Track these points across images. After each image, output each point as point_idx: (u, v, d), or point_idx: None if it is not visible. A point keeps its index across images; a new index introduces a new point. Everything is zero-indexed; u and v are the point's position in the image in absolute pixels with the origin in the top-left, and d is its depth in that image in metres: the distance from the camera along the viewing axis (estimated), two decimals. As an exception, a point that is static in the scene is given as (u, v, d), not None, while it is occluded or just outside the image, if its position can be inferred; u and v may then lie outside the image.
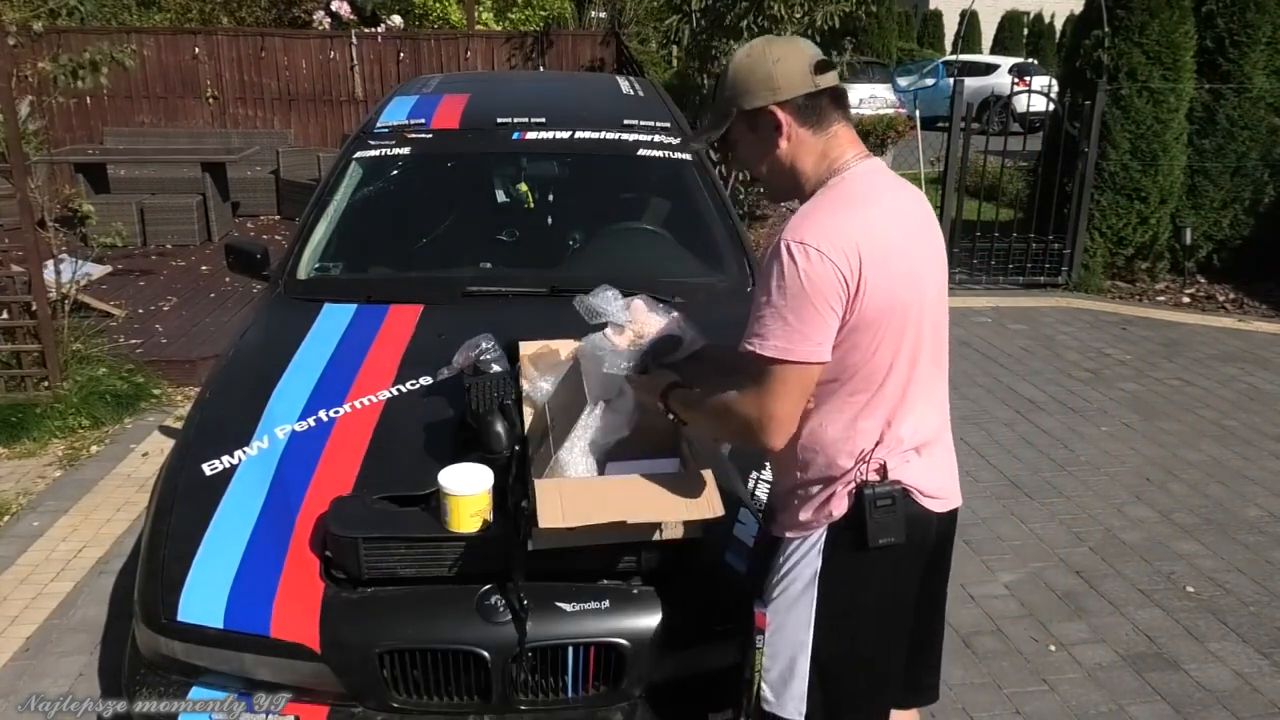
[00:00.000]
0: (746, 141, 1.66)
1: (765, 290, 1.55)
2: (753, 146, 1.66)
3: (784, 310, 1.53)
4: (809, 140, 1.64)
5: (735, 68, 1.64)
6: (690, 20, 7.94)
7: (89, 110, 10.00)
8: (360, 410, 2.43)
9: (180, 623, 1.95)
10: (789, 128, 1.63)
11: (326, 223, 3.40)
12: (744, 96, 1.62)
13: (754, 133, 1.65)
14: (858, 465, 1.66)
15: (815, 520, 1.71)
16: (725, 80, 1.66)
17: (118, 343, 5.37)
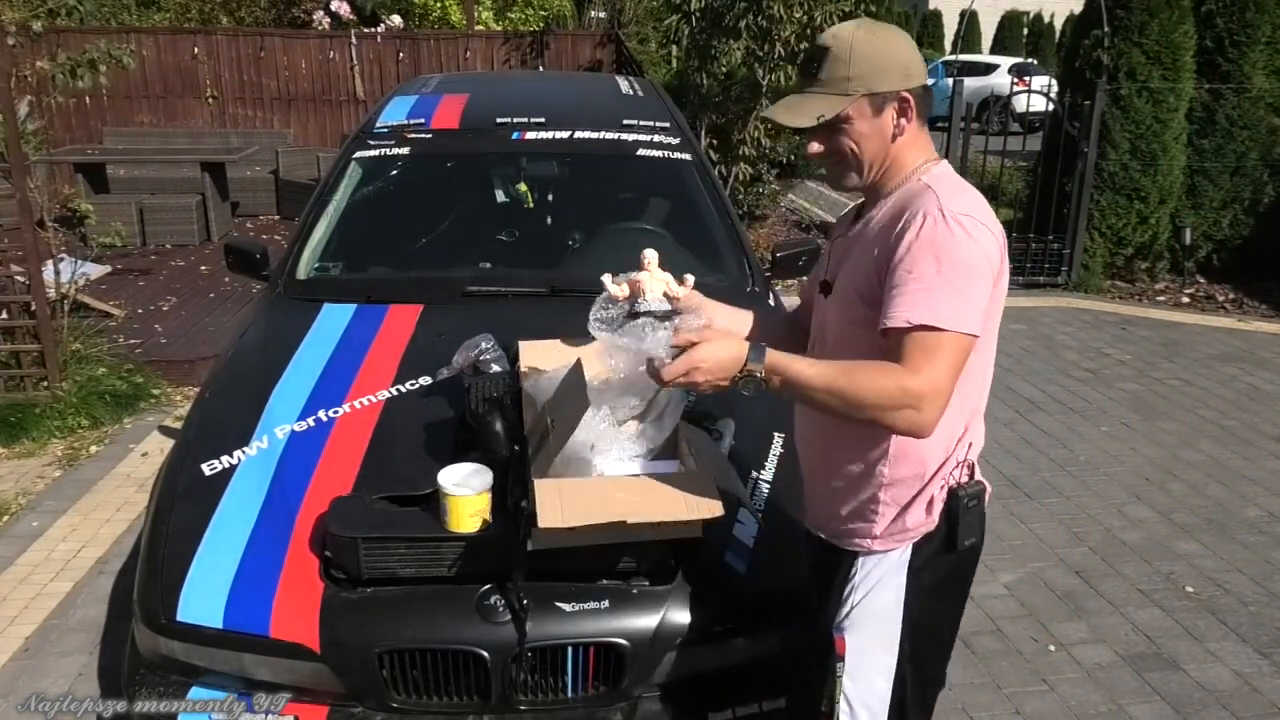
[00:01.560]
0: (861, 125, 1.55)
1: (926, 262, 1.45)
2: (868, 131, 1.56)
3: (954, 280, 1.45)
4: (916, 132, 1.61)
5: (862, 46, 1.53)
6: (689, 20, 7.94)
7: (89, 110, 10.00)
8: (360, 410, 2.42)
9: (180, 623, 1.95)
10: (914, 115, 1.58)
11: (326, 223, 3.40)
12: (874, 77, 1.52)
13: (876, 117, 1.55)
14: (954, 467, 1.61)
15: (902, 533, 1.64)
16: (842, 57, 1.52)
17: (117, 343, 5.37)
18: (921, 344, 1.44)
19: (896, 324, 1.45)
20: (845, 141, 1.56)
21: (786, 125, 1.54)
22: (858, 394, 1.46)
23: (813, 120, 1.51)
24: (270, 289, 3.22)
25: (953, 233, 1.46)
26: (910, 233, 1.48)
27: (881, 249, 1.53)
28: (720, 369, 1.52)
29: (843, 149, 1.57)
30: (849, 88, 1.52)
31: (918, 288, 1.45)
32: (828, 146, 1.58)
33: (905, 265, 1.47)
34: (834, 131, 1.55)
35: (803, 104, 1.55)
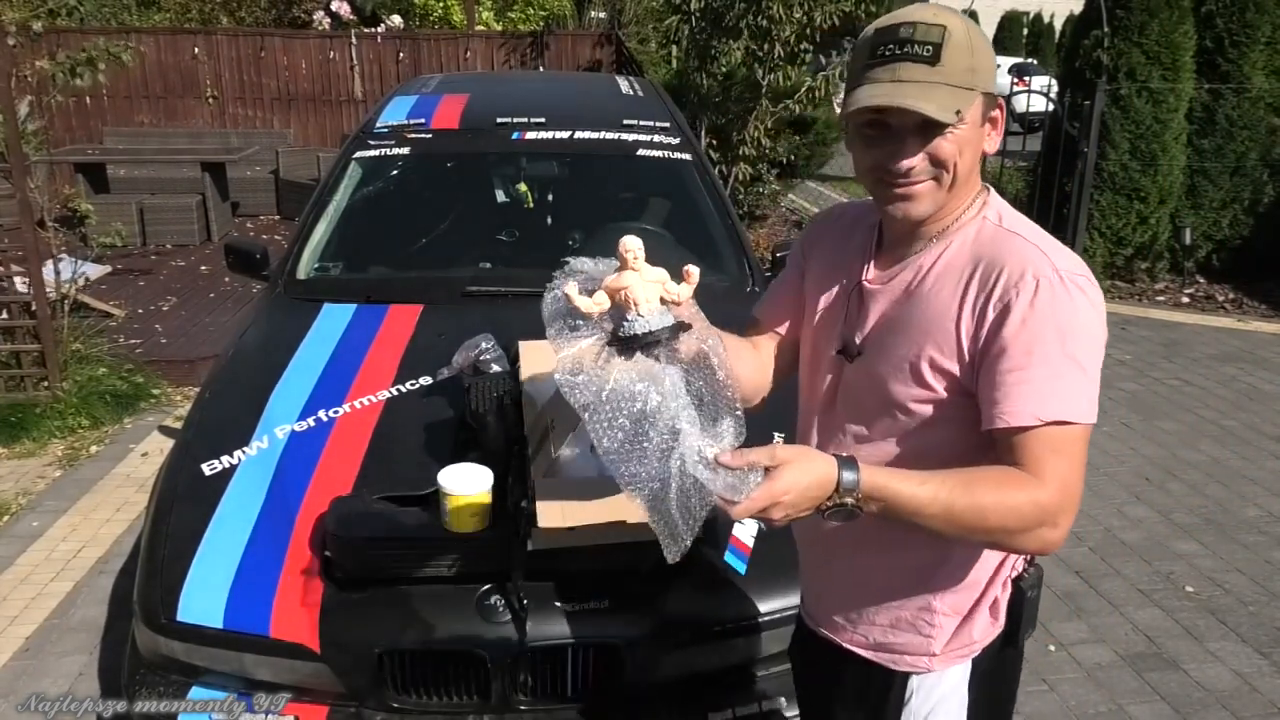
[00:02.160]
0: (971, 131, 1.27)
1: (1048, 340, 1.20)
2: (974, 140, 1.28)
3: (1083, 360, 1.21)
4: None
5: (976, 33, 1.26)
6: (689, 20, 7.93)
7: (89, 110, 10.00)
8: (360, 410, 2.43)
9: (180, 623, 1.95)
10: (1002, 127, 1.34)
11: (326, 223, 3.40)
12: (988, 73, 1.28)
13: (980, 125, 1.29)
14: (1015, 558, 1.41)
15: (966, 647, 1.42)
16: (963, 44, 1.24)
17: (117, 343, 5.37)
18: (1051, 443, 1.19)
19: (1022, 422, 1.19)
20: (950, 150, 1.25)
21: (925, 114, 1.20)
22: (984, 517, 1.18)
23: (952, 115, 1.21)
24: (270, 289, 3.22)
25: (1074, 301, 1.22)
26: (1021, 302, 1.21)
27: (969, 318, 1.25)
28: (806, 500, 1.15)
29: (947, 160, 1.25)
30: (974, 81, 1.24)
31: (1044, 374, 1.20)
32: (925, 155, 1.25)
33: (1023, 345, 1.20)
34: (940, 135, 1.24)
35: (932, 94, 1.21)
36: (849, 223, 1.50)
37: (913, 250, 1.34)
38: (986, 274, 1.25)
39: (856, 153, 1.32)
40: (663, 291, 1.27)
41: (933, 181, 1.27)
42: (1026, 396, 1.20)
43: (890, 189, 1.28)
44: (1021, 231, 1.29)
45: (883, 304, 1.35)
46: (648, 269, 1.27)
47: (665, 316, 1.25)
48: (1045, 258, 1.24)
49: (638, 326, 1.23)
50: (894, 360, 1.32)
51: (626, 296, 1.24)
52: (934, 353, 1.28)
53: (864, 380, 1.36)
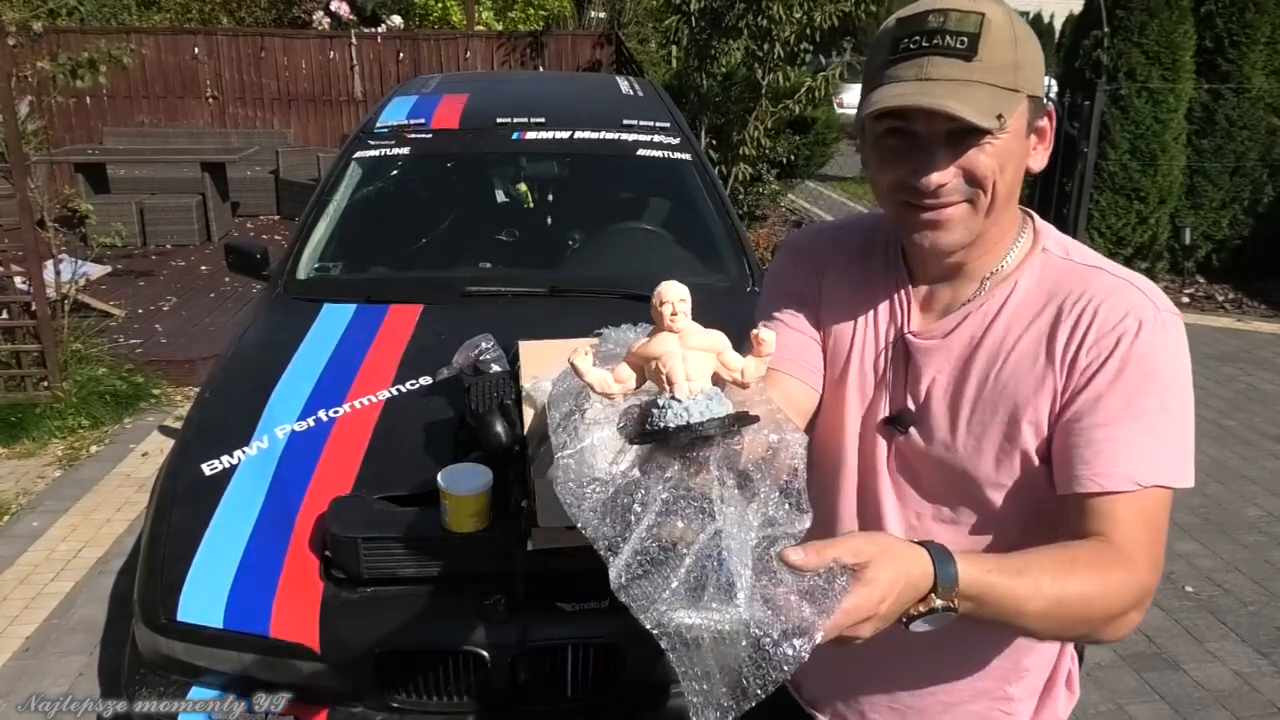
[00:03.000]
0: (1015, 141, 1.03)
1: (1146, 392, 1.03)
2: (1019, 152, 1.05)
3: (1183, 414, 1.05)
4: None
5: (1023, 33, 1.03)
6: (689, 21, 7.93)
7: (89, 110, 9.99)
8: (360, 410, 2.42)
9: (180, 622, 1.95)
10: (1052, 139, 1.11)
11: (326, 223, 3.40)
12: (1034, 76, 1.04)
13: (1026, 136, 1.06)
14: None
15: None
16: (1005, 36, 1.01)
17: (117, 343, 5.37)
18: (1144, 511, 1.01)
19: (1116, 486, 1.00)
20: (989, 165, 1.02)
21: (960, 117, 0.97)
22: (1090, 606, 0.98)
23: (993, 119, 0.98)
24: (270, 289, 3.22)
25: (1175, 344, 1.06)
26: (1122, 347, 1.03)
27: (1060, 373, 1.05)
28: (900, 608, 0.89)
29: (985, 177, 1.02)
30: (1018, 80, 1.01)
31: (1141, 429, 1.02)
32: (958, 171, 1.02)
33: (1120, 397, 1.02)
34: (975, 147, 1.00)
35: (968, 94, 0.98)
36: (859, 247, 1.23)
37: (965, 294, 1.12)
38: (1076, 317, 1.05)
39: (875, 169, 1.08)
40: (717, 365, 0.92)
41: (967, 205, 1.04)
42: (1121, 456, 1.01)
43: (916, 213, 1.05)
44: (1102, 265, 1.10)
45: (940, 363, 1.12)
46: (695, 330, 0.91)
47: (718, 402, 0.89)
48: (1144, 296, 1.06)
49: (675, 416, 0.87)
50: (968, 433, 1.10)
51: (660, 370, 0.89)
52: (1021, 421, 1.07)
53: (925, 455, 1.13)
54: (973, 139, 1.00)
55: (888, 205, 1.10)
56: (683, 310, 0.89)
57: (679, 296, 0.89)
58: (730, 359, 0.92)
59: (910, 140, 1.03)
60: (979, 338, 1.10)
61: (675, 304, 0.89)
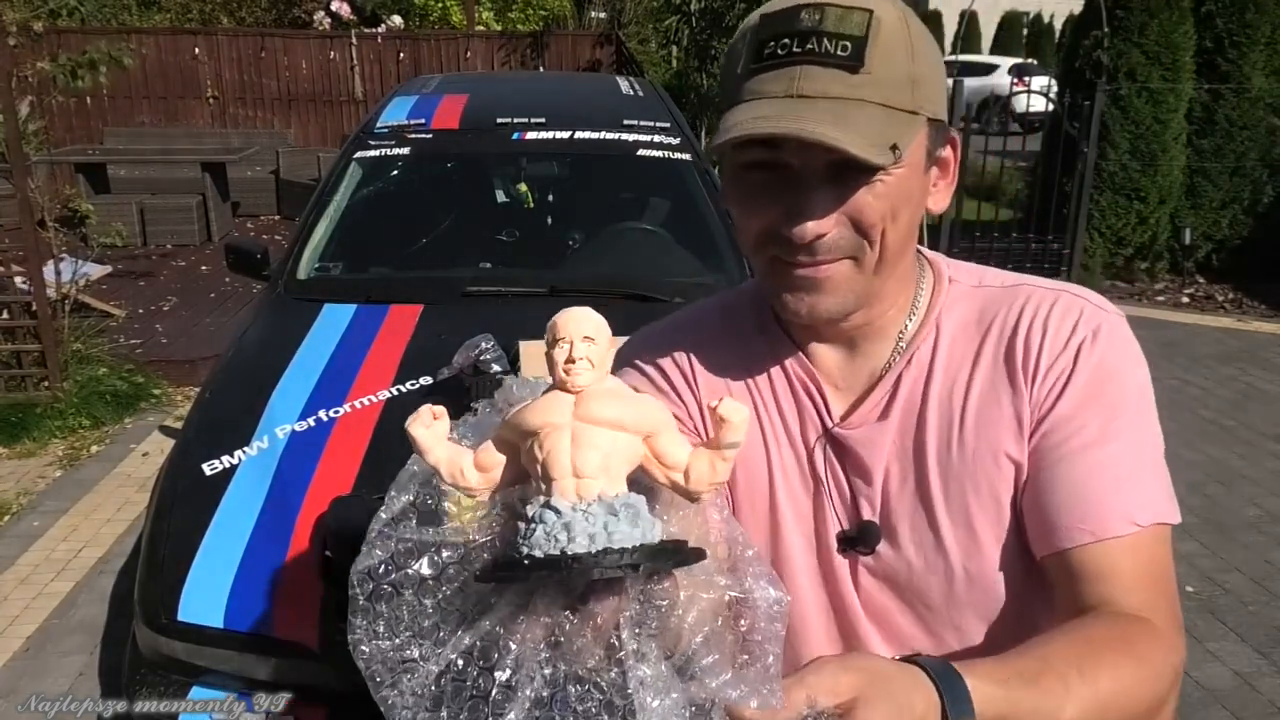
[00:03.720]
0: (912, 178, 0.82)
1: (1128, 405, 0.86)
2: (909, 192, 0.83)
3: (1158, 434, 0.87)
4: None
5: (922, 40, 0.80)
6: (689, 22, 7.94)
7: (89, 110, 10.00)
8: (360, 410, 2.42)
9: (180, 622, 1.95)
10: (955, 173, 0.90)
11: (326, 223, 3.40)
12: (936, 94, 0.82)
13: (926, 167, 0.85)
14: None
15: None
16: (900, 40, 0.78)
17: (118, 343, 5.38)
18: (1148, 557, 0.82)
19: (1112, 531, 0.81)
20: (879, 207, 0.80)
21: (846, 150, 0.74)
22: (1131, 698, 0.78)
23: (886, 152, 0.76)
24: (271, 289, 3.22)
25: (1132, 352, 0.88)
26: (1085, 360, 0.86)
27: (1027, 410, 0.86)
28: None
29: (871, 220, 0.80)
30: (917, 98, 0.79)
31: (1121, 455, 0.83)
32: (840, 218, 0.80)
33: (1095, 418, 0.84)
34: (861, 186, 0.79)
35: (853, 117, 0.76)
36: (723, 334, 0.97)
37: (881, 358, 0.91)
38: (1026, 332, 0.87)
39: (738, 212, 0.85)
40: (645, 456, 0.62)
41: (850, 262, 0.82)
42: (1109, 492, 0.82)
43: (789, 271, 0.82)
44: (1023, 280, 0.93)
45: (887, 451, 0.89)
46: (608, 395, 0.61)
47: (630, 520, 0.57)
48: (1084, 300, 0.90)
49: (546, 538, 0.57)
50: (953, 524, 0.87)
51: (534, 455, 0.60)
52: (1005, 479, 0.86)
53: (904, 571, 0.89)
54: (861, 175, 0.78)
55: (756, 260, 0.86)
56: (587, 355, 0.58)
57: (583, 332, 0.59)
58: (667, 447, 0.61)
59: (779, 175, 0.79)
60: (919, 403, 0.88)
61: (576, 343, 0.58)
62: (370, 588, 0.66)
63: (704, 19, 7.85)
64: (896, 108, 0.78)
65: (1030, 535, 0.85)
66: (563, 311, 0.61)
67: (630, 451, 0.60)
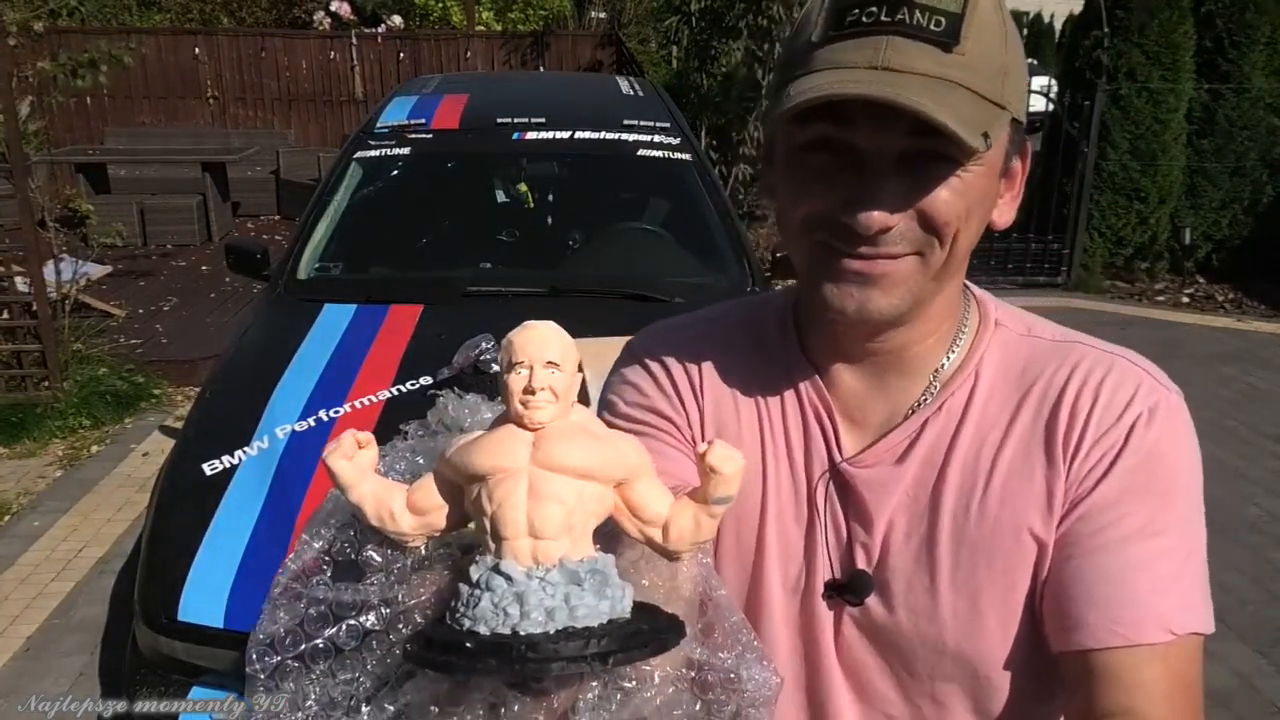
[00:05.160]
0: (987, 178, 0.74)
1: (1175, 498, 0.77)
2: (985, 194, 0.75)
3: (1202, 535, 0.79)
4: None
5: (1014, 32, 0.73)
6: (689, 22, 7.94)
7: (89, 110, 9.99)
8: (360, 410, 2.42)
9: (181, 622, 1.95)
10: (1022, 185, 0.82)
11: (327, 223, 3.40)
12: (1019, 91, 0.74)
13: (998, 173, 0.77)
14: None
15: None
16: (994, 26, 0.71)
17: (118, 343, 5.38)
18: (1179, 670, 0.74)
19: (1147, 636, 0.73)
20: (954, 206, 0.72)
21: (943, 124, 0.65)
22: None
23: (978, 138, 0.67)
24: (271, 289, 3.22)
25: (1188, 439, 0.82)
26: (1134, 443, 0.78)
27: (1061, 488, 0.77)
28: None
29: (944, 219, 0.72)
30: (1006, 92, 0.71)
31: (1163, 554, 0.75)
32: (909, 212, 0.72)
33: (1140, 510, 0.76)
34: (938, 180, 0.71)
35: (950, 97, 0.67)
36: (739, 345, 0.89)
37: (909, 398, 0.82)
38: (1073, 400, 0.79)
39: (786, 195, 0.76)
40: (615, 508, 0.54)
41: (916, 258, 0.73)
42: (1146, 593, 0.74)
43: (838, 262, 0.73)
44: (1076, 338, 0.84)
45: (897, 498, 0.81)
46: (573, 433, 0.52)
47: (595, 591, 0.48)
48: (1143, 372, 0.82)
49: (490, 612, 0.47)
50: (955, 593, 0.79)
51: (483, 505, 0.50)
52: (1024, 559, 0.78)
53: (892, 631, 0.81)
54: (938, 168, 0.70)
55: (799, 245, 0.77)
56: (550, 385, 0.49)
57: (545, 357, 0.50)
58: (645, 498, 0.52)
59: (846, 158, 0.71)
60: (943, 455, 0.80)
61: (537, 369, 0.49)
62: (272, 663, 0.56)
63: (704, 19, 7.84)
64: (986, 97, 0.69)
65: (1049, 626, 0.77)
66: (522, 328, 0.51)
67: (599, 504, 0.50)
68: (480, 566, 0.47)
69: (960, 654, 0.79)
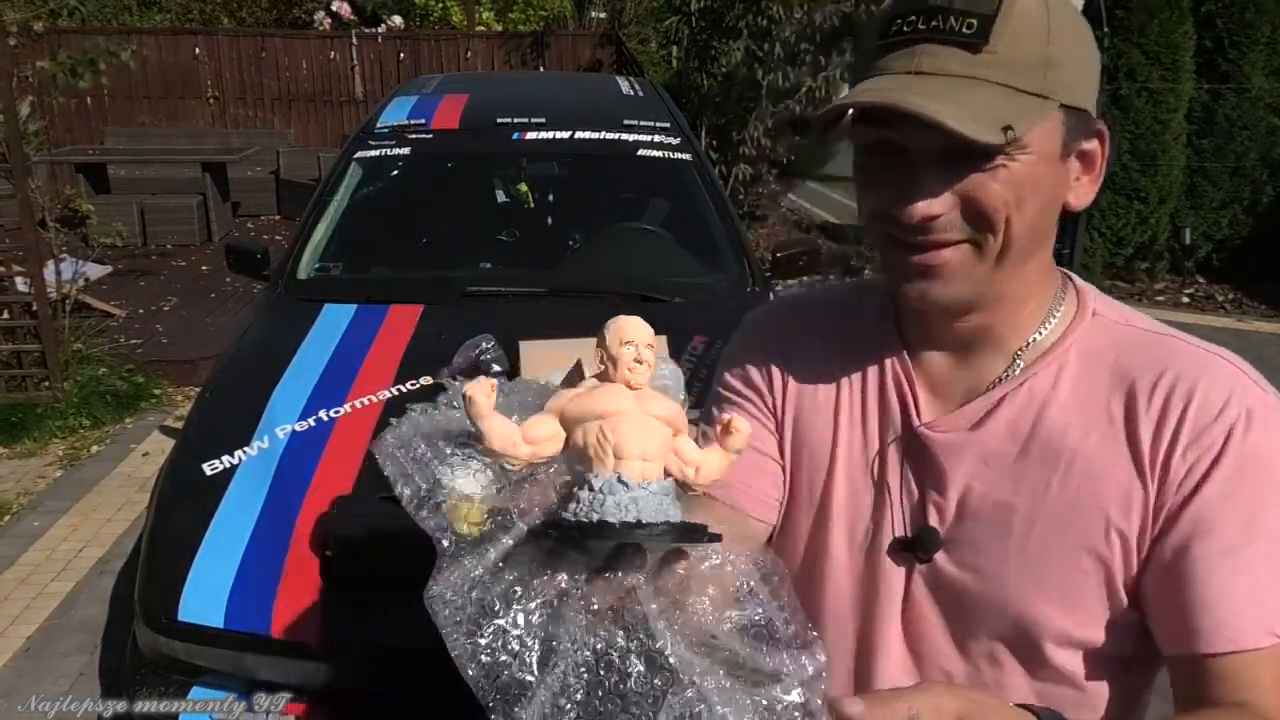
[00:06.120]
0: (1041, 165, 0.77)
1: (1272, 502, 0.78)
2: (1044, 180, 0.78)
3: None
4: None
5: (1064, 20, 0.77)
6: (689, 22, 7.94)
7: (89, 110, 9.99)
8: (360, 410, 2.43)
9: (181, 622, 1.95)
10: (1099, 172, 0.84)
11: (327, 223, 3.41)
12: (1076, 78, 0.78)
13: (1062, 158, 0.80)
14: None
15: None
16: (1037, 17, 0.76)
17: (118, 343, 5.37)
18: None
19: (1251, 643, 0.75)
20: (1001, 194, 0.76)
21: (941, 123, 0.71)
22: None
23: (996, 131, 0.72)
24: (271, 289, 3.22)
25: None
26: (1233, 447, 0.78)
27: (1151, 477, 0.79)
28: None
29: (991, 207, 0.76)
30: (1049, 83, 0.75)
31: (1265, 558, 0.77)
32: (955, 200, 0.76)
33: (1240, 514, 0.77)
34: (981, 169, 0.75)
35: (965, 94, 0.73)
36: (838, 319, 0.96)
37: (991, 373, 0.86)
38: (1163, 401, 0.80)
39: (858, 190, 0.85)
40: (672, 453, 0.68)
41: (970, 246, 0.78)
42: (1250, 599, 0.75)
43: (905, 254, 0.80)
44: (1172, 333, 0.89)
45: (973, 464, 0.85)
46: (656, 395, 0.68)
47: (669, 502, 0.64)
48: (1240, 373, 0.84)
49: (619, 506, 0.62)
50: (1022, 561, 0.82)
51: (603, 437, 0.65)
52: (1102, 548, 0.80)
53: (959, 590, 0.85)
54: (978, 160, 0.75)
55: (872, 241, 0.85)
56: (649, 359, 0.66)
57: (645, 340, 0.66)
58: (686, 446, 0.69)
59: (898, 157, 0.77)
60: (1027, 431, 0.83)
61: (641, 348, 0.65)
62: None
63: (704, 19, 7.84)
64: (1021, 89, 0.74)
65: (1157, 630, 0.80)
66: (625, 318, 0.67)
67: (666, 445, 0.68)
68: (600, 478, 0.63)
69: (1019, 620, 0.82)
